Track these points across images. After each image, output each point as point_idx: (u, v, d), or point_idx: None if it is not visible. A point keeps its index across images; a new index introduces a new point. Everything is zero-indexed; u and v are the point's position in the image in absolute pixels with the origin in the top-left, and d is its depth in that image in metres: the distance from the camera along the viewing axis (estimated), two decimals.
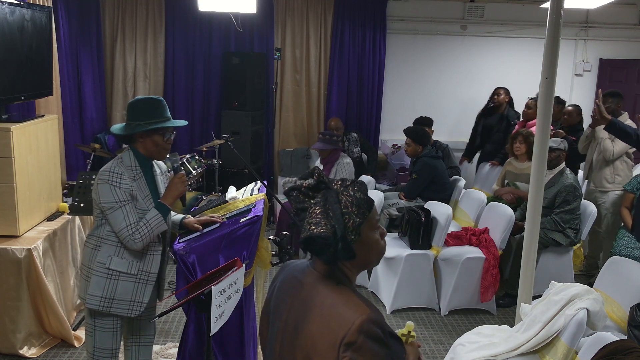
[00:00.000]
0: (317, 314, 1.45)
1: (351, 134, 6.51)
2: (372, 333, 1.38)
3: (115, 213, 2.48)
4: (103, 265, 2.54)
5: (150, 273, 2.64)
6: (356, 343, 1.36)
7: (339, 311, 1.42)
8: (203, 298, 2.22)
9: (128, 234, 2.49)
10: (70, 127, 5.98)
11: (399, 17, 7.09)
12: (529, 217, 3.23)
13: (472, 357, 2.83)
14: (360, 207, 1.47)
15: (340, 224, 1.43)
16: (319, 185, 1.49)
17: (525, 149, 5.02)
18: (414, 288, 4.45)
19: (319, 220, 1.43)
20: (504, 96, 6.20)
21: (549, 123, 3.16)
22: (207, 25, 6.71)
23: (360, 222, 1.47)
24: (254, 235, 2.83)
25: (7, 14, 3.65)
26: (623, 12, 7.18)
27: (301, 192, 1.50)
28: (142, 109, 2.57)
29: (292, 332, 1.49)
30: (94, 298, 2.55)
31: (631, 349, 2.36)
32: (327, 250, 1.43)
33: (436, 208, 4.53)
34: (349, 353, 1.36)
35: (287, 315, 1.53)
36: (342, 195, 1.47)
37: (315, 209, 1.46)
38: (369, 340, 1.37)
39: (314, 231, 1.42)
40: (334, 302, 1.44)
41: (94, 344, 2.63)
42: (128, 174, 2.54)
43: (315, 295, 1.48)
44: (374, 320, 1.40)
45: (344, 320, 1.39)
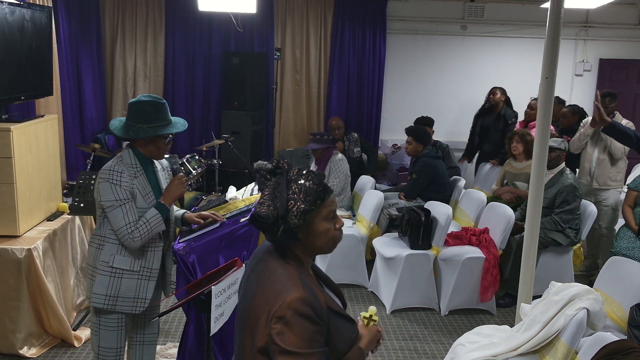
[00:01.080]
0: (262, 288, 1.58)
1: (351, 134, 6.51)
2: (301, 311, 1.49)
3: (115, 211, 2.50)
4: (107, 263, 2.57)
5: (152, 269, 2.66)
6: (285, 317, 1.48)
7: (278, 287, 1.54)
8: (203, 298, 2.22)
9: (127, 232, 2.51)
10: (70, 127, 5.98)
11: (399, 17, 7.09)
12: (529, 217, 3.23)
13: (472, 357, 2.83)
14: (308, 195, 1.58)
15: (282, 207, 1.56)
16: (275, 170, 1.62)
17: (522, 149, 5.05)
18: (414, 288, 4.45)
19: (264, 201, 1.58)
20: (499, 95, 6.21)
21: (549, 123, 3.16)
22: (207, 25, 6.71)
23: (305, 209, 1.57)
24: (254, 235, 2.83)
25: (7, 14, 3.65)
26: (623, 12, 7.18)
27: (261, 175, 1.63)
28: (145, 112, 2.56)
29: (246, 302, 1.63)
30: (98, 296, 2.58)
31: (631, 349, 2.36)
32: (270, 229, 1.58)
33: (436, 208, 4.53)
34: (278, 325, 1.48)
35: (245, 286, 1.68)
36: (293, 182, 1.59)
37: (267, 189, 1.60)
38: (298, 317, 1.48)
39: (258, 210, 1.57)
40: (277, 278, 1.57)
41: (99, 343, 2.65)
42: (128, 172, 2.56)
43: (265, 270, 1.62)
44: (305, 299, 1.50)
45: (280, 295, 1.51)
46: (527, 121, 5.81)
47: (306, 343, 1.47)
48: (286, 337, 1.46)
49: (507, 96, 6.26)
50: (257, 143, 6.65)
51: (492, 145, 6.18)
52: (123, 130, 2.61)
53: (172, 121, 2.64)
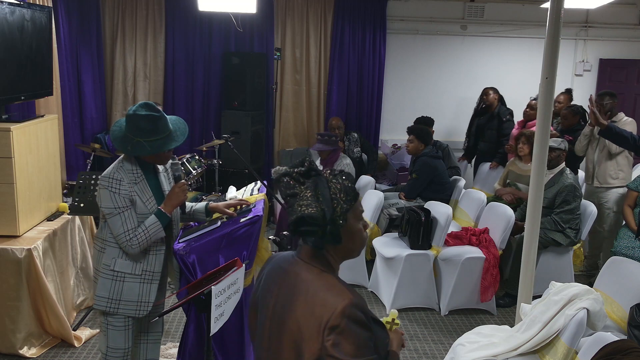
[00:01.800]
0: (302, 300, 1.50)
1: (351, 134, 6.51)
2: (354, 317, 1.44)
3: (114, 218, 2.53)
4: (108, 267, 2.60)
5: (154, 272, 2.68)
6: (339, 326, 1.42)
7: (322, 297, 1.48)
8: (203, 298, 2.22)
9: (126, 239, 2.54)
10: (70, 127, 5.98)
11: (399, 17, 7.09)
12: (529, 217, 3.23)
13: (472, 357, 2.83)
14: (347, 194, 1.55)
15: (329, 208, 1.50)
16: (309, 172, 1.56)
17: (528, 150, 4.97)
18: (414, 288, 4.45)
19: (310, 203, 1.50)
20: (493, 95, 6.23)
21: (549, 123, 3.16)
22: (207, 25, 6.71)
23: (347, 209, 1.54)
24: (254, 235, 2.83)
25: (7, 14, 3.65)
26: (623, 12, 7.18)
27: (292, 178, 1.56)
28: (143, 128, 2.53)
29: (278, 319, 1.55)
30: (101, 299, 2.61)
31: (631, 349, 2.36)
32: (316, 233, 1.51)
33: (436, 208, 4.53)
34: (333, 336, 1.41)
35: (274, 303, 1.58)
36: (331, 182, 1.55)
37: (306, 192, 1.53)
38: (352, 324, 1.43)
39: (305, 212, 1.49)
40: (318, 288, 1.50)
41: (107, 344, 2.68)
42: (128, 179, 2.56)
43: (300, 282, 1.54)
44: (357, 304, 1.46)
45: (328, 305, 1.45)
46: (526, 120, 5.81)
47: (362, 350, 1.42)
48: (342, 347, 1.40)
49: (500, 95, 6.28)
50: (257, 143, 6.65)
51: (488, 144, 6.20)
52: (122, 144, 2.59)
53: (171, 131, 2.61)
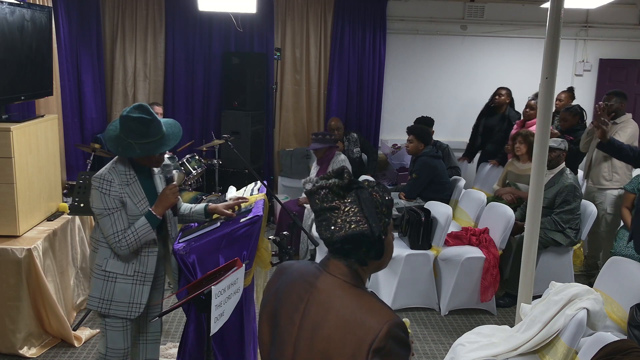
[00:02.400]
0: (338, 318, 1.44)
1: (351, 134, 6.51)
2: (398, 338, 1.40)
3: (104, 219, 2.54)
4: (100, 267, 2.61)
5: (146, 274, 2.68)
6: (385, 348, 1.37)
7: (362, 317, 1.42)
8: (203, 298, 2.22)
9: (115, 240, 2.55)
10: (70, 127, 5.98)
11: (399, 17, 7.09)
12: (529, 217, 3.23)
13: (472, 357, 2.83)
14: (388, 207, 1.50)
15: (377, 223, 1.45)
16: (350, 185, 1.49)
17: (525, 149, 5.00)
18: (413, 288, 4.45)
19: (359, 219, 1.44)
20: (505, 97, 6.20)
21: (549, 123, 3.15)
22: (207, 25, 6.71)
23: (388, 222, 1.50)
24: (254, 235, 2.83)
25: (7, 14, 3.65)
26: (623, 12, 7.18)
27: (331, 191, 1.48)
28: (134, 130, 2.53)
29: (308, 337, 1.48)
30: (93, 299, 2.63)
31: (631, 349, 2.36)
32: (362, 249, 1.46)
33: (436, 208, 4.54)
34: (377, 359, 1.37)
35: (302, 318, 1.51)
36: (373, 195, 1.49)
37: (352, 207, 1.46)
38: (396, 345, 1.39)
39: (355, 230, 1.43)
40: (356, 307, 1.44)
41: (106, 344, 2.68)
42: (119, 180, 2.56)
43: (334, 299, 1.47)
44: (399, 324, 1.42)
45: (370, 326, 1.39)
46: (525, 120, 5.80)
47: None
48: None
49: (512, 97, 6.26)
50: (257, 143, 6.65)
51: (495, 146, 6.16)
52: (115, 145, 2.59)
53: (164, 135, 2.61)
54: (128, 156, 2.59)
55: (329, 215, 1.47)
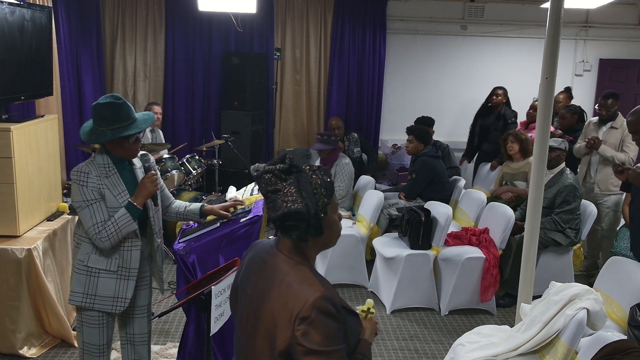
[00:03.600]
0: (277, 291, 1.57)
1: (351, 134, 6.51)
2: (324, 309, 1.50)
3: (83, 212, 2.53)
4: (82, 262, 2.59)
5: (130, 269, 2.65)
6: (309, 317, 1.48)
7: (295, 288, 1.54)
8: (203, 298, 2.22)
9: (94, 232, 2.52)
10: (70, 127, 5.98)
11: (399, 17, 7.09)
12: (529, 217, 3.23)
13: (472, 357, 2.83)
14: (327, 188, 1.63)
15: (312, 202, 1.58)
16: (290, 169, 1.62)
17: (518, 148, 5.07)
18: (414, 288, 4.45)
19: (295, 198, 1.57)
20: (502, 97, 6.20)
21: (549, 123, 3.16)
22: (207, 25, 6.71)
23: (327, 202, 1.62)
24: (254, 235, 2.83)
25: (7, 14, 3.64)
26: (623, 12, 7.18)
27: (274, 175, 1.61)
28: (104, 116, 2.53)
29: (255, 307, 1.62)
30: (76, 295, 2.61)
31: (631, 349, 2.36)
32: (300, 227, 1.58)
33: (436, 208, 4.53)
34: (303, 326, 1.48)
35: (252, 291, 1.66)
36: (312, 177, 1.62)
37: (290, 189, 1.59)
38: (322, 315, 1.49)
39: (291, 207, 1.56)
40: (292, 280, 1.57)
41: (82, 339, 2.69)
42: (98, 172, 2.56)
43: (276, 273, 1.61)
44: (327, 297, 1.52)
45: (300, 297, 1.52)
46: (529, 122, 5.80)
47: (330, 341, 1.49)
48: (311, 336, 1.47)
49: (507, 97, 6.27)
50: (257, 143, 6.65)
51: (492, 145, 6.17)
52: (87, 135, 2.60)
53: (135, 120, 2.58)
54: (101, 142, 2.56)
55: (274, 197, 1.60)
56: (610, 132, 4.93)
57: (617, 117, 4.96)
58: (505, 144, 5.21)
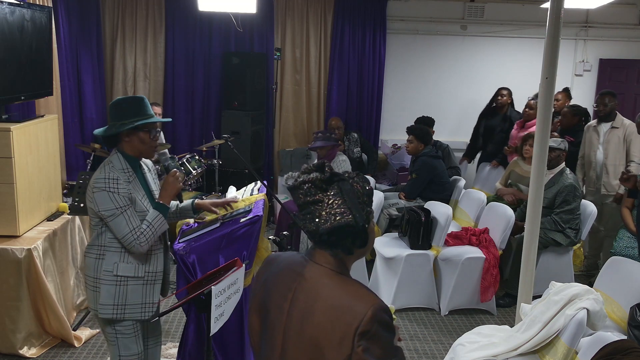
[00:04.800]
0: (326, 305, 1.48)
1: (351, 134, 6.51)
2: (383, 321, 1.45)
3: (117, 220, 2.46)
4: (110, 273, 2.53)
5: (156, 273, 2.64)
6: (370, 331, 1.42)
7: (349, 303, 1.46)
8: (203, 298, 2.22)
9: (133, 238, 2.47)
10: (70, 127, 5.98)
11: (399, 17, 7.09)
12: (529, 217, 3.23)
13: (472, 357, 2.83)
14: (369, 197, 1.56)
15: (360, 213, 1.50)
16: (332, 178, 1.53)
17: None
18: (414, 288, 4.45)
19: (344, 210, 1.49)
20: (507, 97, 6.20)
21: (549, 123, 3.16)
22: (207, 25, 6.71)
23: (370, 211, 1.55)
24: (254, 235, 2.83)
25: (7, 14, 3.65)
26: (623, 12, 7.18)
27: (314, 185, 1.51)
28: (125, 109, 2.54)
29: (297, 325, 1.51)
30: (106, 307, 2.53)
31: (631, 349, 2.36)
32: (348, 239, 1.51)
33: (436, 208, 4.53)
34: (364, 342, 1.41)
35: (290, 307, 1.55)
36: (354, 186, 1.54)
37: (335, 199, 1.50)
38: (381, 328, 1.44)
39: (340, 221, 1.48)
40: (342, 293, 1.48)
41: (119, 353, 2.60)
42: (123, 178, 2.51)
43: (321, 287, 1.51)
44: (384, 308, 1.46)
45: (356, 311, 1.44)
46: (525, 121, 5.80)
47: (388, 352, 1.45)
48: (372, 351, 1.42)
49: (512, 97, 6.27)
50: (257, 143, 6.65)
51: (496, 146, 6.15)
52: (105, 130, 2.58)
53: (153, 115, 2.60)
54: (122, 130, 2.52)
55: (313, 209, 1.51)
56: (612, 132, 4.95)
57: (616, 116, 4.97)
58: (523, 144, 5.15)
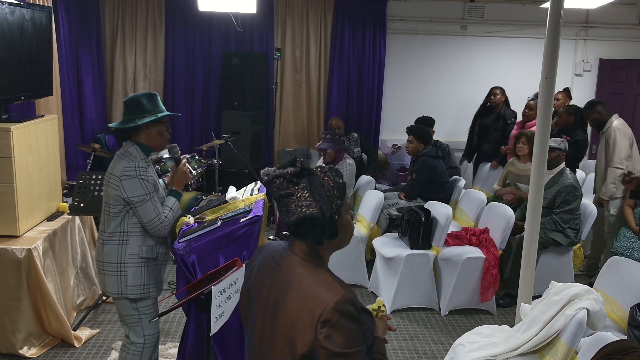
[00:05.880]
0: (295, 294, 1.56)
1: (351, 134, 6.51)
2: (346, 311, 1.50)
3: (146, 205, 2.66)
4: (137, 255, 2.73)
5: (165, 254, 2.88)
6: (331, 320, 1.48)
7: (315, 291, 1.53)
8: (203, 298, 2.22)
9: (159, 221, 2.69)
10: (70, 127, 5.98)
11: (399, 17, 7.09)
12: (529, 217, 3.23)
13: (472, 357, 2.83)
14: (339, 190, 1.62)
15: (327, 205, 1.57)
16: (302, 172, 1.60)
17: (528, 150, 5.00)
18: (414, 288, 4.45)
19: (310, 203, 1.56)
20: (500, 96, 6.21)
21: (549, 123, 3.15)
22: (207, 25, 6.71)
23: (340, 204, 1.61)
24: (254, 235, 2.83)
25: (7, 14, 3.64)
26: (623, 12, 7.18)
27: (286, 179, 1.59)
28: (143, 103, 2.72)
29: (272, 310, 1.60)
30: (135, 288, 2.74)
31: (631, 349, 2.36)
32: (316, 231, 1.57)
33: (436, 208, 4.53)
34: (325, 329, 1.47)
35: (267, 294, 1.64)
36: (324, 180, 1.61)
37: (303, 193, 1.58)
38: (344, 318, 1.49)
39: (306, 212, 1.55)
40: (311, 283, 1.56)
41: (143, 333, 2.80)
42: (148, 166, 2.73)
43: (293, 276, 1.59)
44: (348, 299, 1.52)
45: (321, 300, 1.51)
46: (525, 121, 5.80)
47: (352, 342, 1.49)
48: (333, 339, 1.47)
49: (506, 96, 6.27)
50: (257, 143, 6.65)
51: (492, 145, 6.17)
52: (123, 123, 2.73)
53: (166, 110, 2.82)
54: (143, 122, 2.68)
55: (286, 202, 1.59)
56: (602, 137, 4.99)
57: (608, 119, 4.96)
58: (516, 143, 5.17)
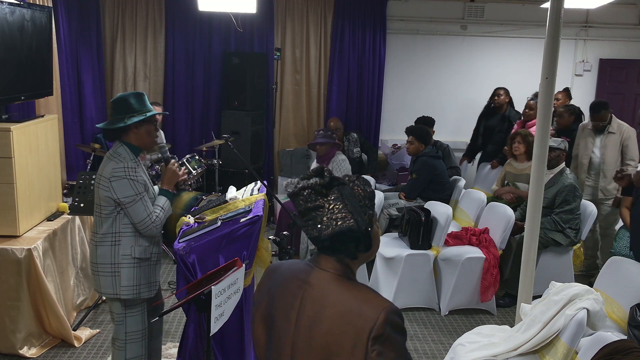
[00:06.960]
0: (335, 311, 1.45)
1: (351, 134, 6.51)
2: (395, 323, 1.43)
3: (136, 205, 2.66)
4: (129, 256, 2.73)
5: (158, 254, 2.87)
6: (383, 335, 1.40)
7: (359, 307, 1.44)
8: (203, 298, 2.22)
9: (150, 221, 2.69)
10: (70, 127, 5.98)
11: (399, 17, 7.09)
12: (529, 217, 3.23)
13: (472, 357, 2.83)
14: (370, 199, 1.53)
15: (362, 217, 1.47)
16: (332, 182, 1.50)
17: (524, 149, 5.03)
18: (414, 288, 4.45)
19: (345, 215, 1.46)
20: (504, 97, 6.20)
21: (549, 123, 3.15)
22: (207, 25, 6.71)
23: (372, 214, 1.52)
24: (254, 235, 2.83)
25: (7, 14, 3.65)
26: (623, 12, 7.18)
27: (314, 191, 1.49)
28: (131, 103, 2.72)
29: (306, 333, 1.48)
30: (127, 288, 2.74)
31: (631, 349, 2.36)
32: (351, 244, 1.48)
33: (436, 208, 4.53)
34: (377, 346, 1.39)
35: (298, 317, 1.51)
36: (354, 189, 1.51)
37: (336, 204, 1.48)
38: (394, 331, 1.43)
39: (342, 226, 1.45)
40: (351, 298, 1.46)
41: (125, 330, 2.80)
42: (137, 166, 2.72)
43: (328, 293, 1.48)
44: (395, 310, 1.45)
45: (368, 315, 1.42)
46: (525, 121, 5.80)
47: (401, 354, 1.44)
48: (386, 355, 1.40)
49: (510, 97, 6.27)
50: (257, 143, 6.65)
51: (496, 146, 6.16)
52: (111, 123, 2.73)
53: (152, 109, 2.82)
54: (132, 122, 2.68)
55: (314, 214, 1.48)
56: (609, 137, 4.97)
57: (612, 121, 4.97)
58: (512, 143, 5.18)
